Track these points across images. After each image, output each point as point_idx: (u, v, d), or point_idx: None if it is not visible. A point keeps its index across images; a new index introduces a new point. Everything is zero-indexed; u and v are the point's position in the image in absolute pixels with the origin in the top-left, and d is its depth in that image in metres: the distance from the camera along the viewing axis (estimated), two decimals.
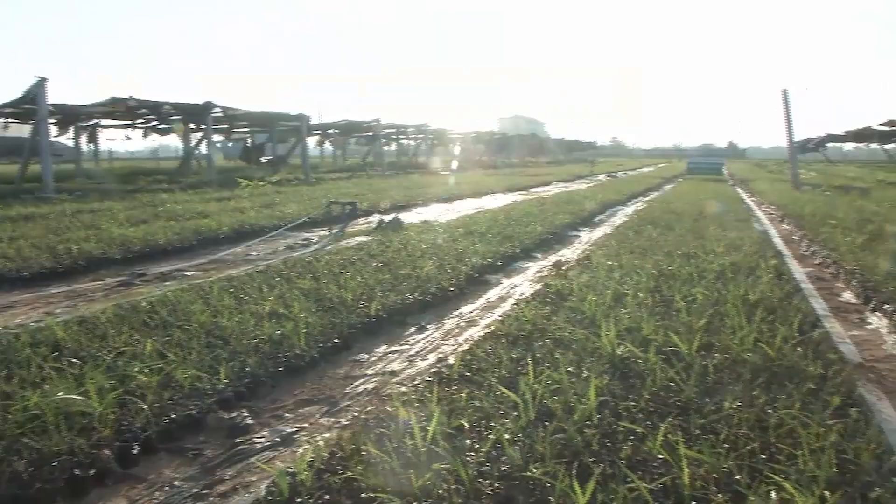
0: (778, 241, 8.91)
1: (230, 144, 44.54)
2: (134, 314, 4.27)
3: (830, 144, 56.11)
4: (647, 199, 16.22)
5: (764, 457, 2.41)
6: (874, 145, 42.87)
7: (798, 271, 6.66)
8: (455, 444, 2.46)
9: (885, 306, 4.93)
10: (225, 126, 29.59)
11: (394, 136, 41.75)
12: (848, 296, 5.74)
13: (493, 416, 2.72)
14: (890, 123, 33.78)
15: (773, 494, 2.14)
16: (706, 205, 12.59)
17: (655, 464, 2.36)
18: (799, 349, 3.57)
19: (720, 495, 2.15)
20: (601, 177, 29.67)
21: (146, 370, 3.23)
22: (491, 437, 2.49)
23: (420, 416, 2.70)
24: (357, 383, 3.57)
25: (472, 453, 2.41)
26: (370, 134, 36.28)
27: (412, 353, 4.09)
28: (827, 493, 2.13)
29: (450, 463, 2.30)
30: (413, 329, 4.57)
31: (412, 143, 45.15)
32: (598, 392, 2.88)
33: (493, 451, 2.43)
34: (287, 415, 3.18)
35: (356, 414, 3.12)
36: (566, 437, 2.51)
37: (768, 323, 4.03)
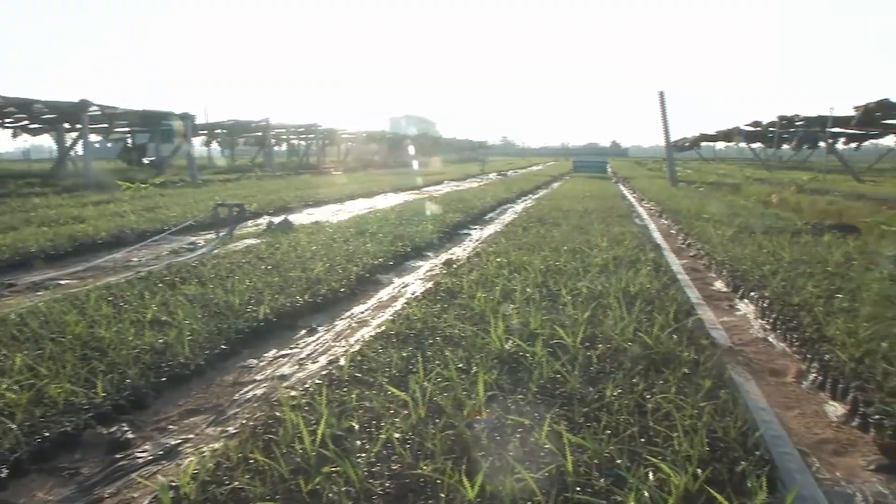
0: (657, 236, 9.37)
1: (109, 145, 42.36)
2: (1, 327, 4.00)
3: (704, 143, 59.51)
4: (535, 196, 16.64)
5: (643, 440, 2.54)
6: (742, 144, 45.68)
7: (675, 263, 7.03)
8: (345, 446, 2.45)
9: (752, 293, 5.28)
10: (104, 126, 28.16)
11: (284, 137, 40.96)
12: (719, 285, 6.11)
13: (384, 416, 2.73)
14: (755, 124, 36.15)
15: (650, 475, 2.25)
16: (591, 201, 13.07)
17: (542, 453, 2.43)
18: (675, 337, 3.77)
19: (602, 480, 2.24)
20: (492, 175, 30.17)
21: (15, 387, 3.03)
22: (382, 436, 2.50)
23: (310, 419, 2.67)
24: (245, 390, 3.49)
25: (363, 454, 2.41)
26: (259, 134, 35.48)
27: (302, 356, 4.03)
28: (699, 470, 2.26)
29: (340, 465, 2.29)
30: (304, 332, 4.51)
31: (303, 143, 44.44)
32: (487, 387, 2.95)
33: (384, 451, 2.43)
34: (171, 427, 3.06)
35: (244, 421, 3.05)
36: (456, 432, 2.55)
37: (647, 313, 4.23)
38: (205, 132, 36.07)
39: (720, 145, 59.97)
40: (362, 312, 5.05)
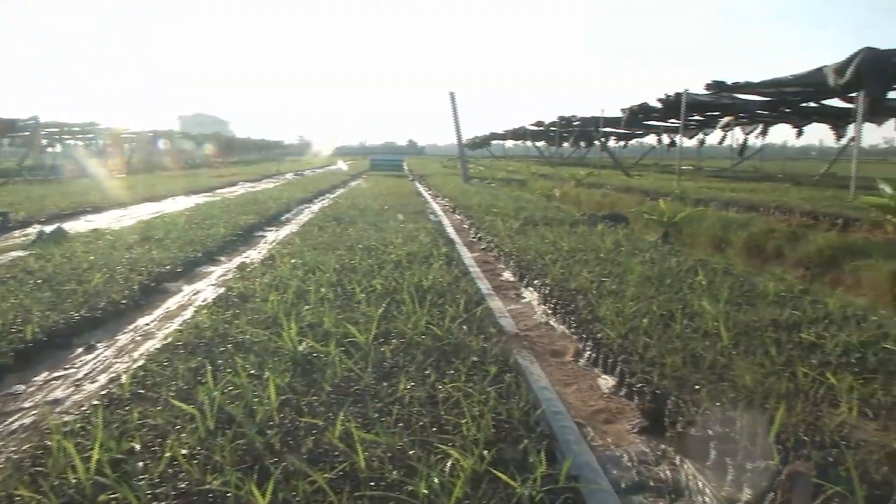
0: (450, 230, 9.72)
1: None
2: None
3: (495, 142, 62.69)
4: (333, 195, 16.57)
5: (434, 429, 2.62)
6: (528, 143, 48.64)
7: (467, 256, 7.34)
8: (126, 470, 2.29)
9: (535, 281, 5.65)
10: None
11: (57, 137, 37.32)
12: (508, 275, 6.47)
13: (169, 433, 2.58)
14: (538, 124, 38.73)
15: (440, 462, 2.34)
16: (388, 199, 13.26)
17: (336, 453, 2.43)
18: (465, 327, 3.94)
19: (395, 472, 2.29)
20: (289, 175, 29.60)
21: None
22: (166, 455, 2.37)
23: (86, 445, 2.46)
24: (10, 420, 3.14)
25: (145, 476, 2.26)
26: (27, 134, 32.02)
27: (79, 376, 3.71)
28: (486, 452, 2.38)
29: (118, 491, 2.13)
30: (81, 350, 4.15)
31: (80, 143, 40.74)
32: (280, 391, 2.89)
33: (169, 470, 2.30)
34: None
35: (10, 455, 2.74)
36: (247, 441, 2.48)
37: (439, 306, 4.37)
38: None
39: (509, 143, 63.41)
40: (147, 324, 4.74)
